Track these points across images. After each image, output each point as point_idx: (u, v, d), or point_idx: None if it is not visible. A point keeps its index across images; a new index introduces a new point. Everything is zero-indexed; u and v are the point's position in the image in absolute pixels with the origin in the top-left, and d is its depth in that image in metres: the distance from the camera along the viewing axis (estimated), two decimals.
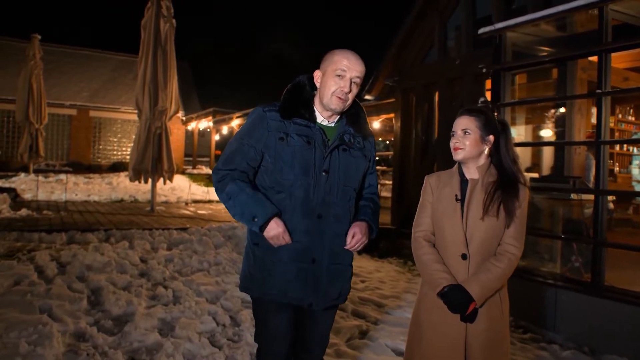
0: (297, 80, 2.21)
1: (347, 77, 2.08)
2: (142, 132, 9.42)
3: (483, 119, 2.15)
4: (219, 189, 2.09)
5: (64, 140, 21.55)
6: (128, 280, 5.01)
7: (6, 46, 21.14)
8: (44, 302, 4.14)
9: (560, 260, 5.11)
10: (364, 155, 2.23)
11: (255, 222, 1.99)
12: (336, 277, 2.15)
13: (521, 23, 5.01)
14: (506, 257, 2.07)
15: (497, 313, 2.12)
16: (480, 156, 2.17)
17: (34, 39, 14.98)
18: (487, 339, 2.09)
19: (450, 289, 2.07)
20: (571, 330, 4.40)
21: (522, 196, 2.11)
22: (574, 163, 5.58)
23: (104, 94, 22.14)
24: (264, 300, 2.13)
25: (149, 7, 9.35)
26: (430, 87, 8.42)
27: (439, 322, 2.13)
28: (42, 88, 15.24)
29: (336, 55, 2.11)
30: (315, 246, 2.08)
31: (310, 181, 2.07)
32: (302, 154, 2.07)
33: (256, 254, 2.14)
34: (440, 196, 2.19)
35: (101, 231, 7.20)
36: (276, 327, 2.14)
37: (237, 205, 2.03)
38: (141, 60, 9.49)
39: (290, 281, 2.07)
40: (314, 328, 2.22)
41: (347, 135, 2.18)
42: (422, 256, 2.19)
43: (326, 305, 2.15)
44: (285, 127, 2.10)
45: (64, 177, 15.03)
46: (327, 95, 2.10)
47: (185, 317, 4.03)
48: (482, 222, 2.08)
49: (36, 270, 5.17)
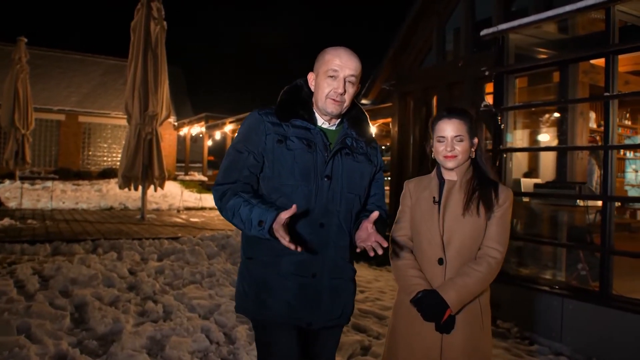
0: (294, 82, 2.06)
1: (341, 76, 1.91)
2: (132, 138, 9.16)
3: (469, 120, 2.05)
4: (222, 207, 1.90)
5: (52, 146, 21.19)
6: (115, 295, 4.75)
7: None
8: (22, 321, 3.87)
9: (566, 268, 4.95)
10: (369, 160, 2.05)
11: (263, 227, 1.76)
12: (338, 293, 1.96)
13: (525, 24, 4.85)
14: (486, 261, 1.95)
15: (476, 326, 1.98)
16: (466, 160, 2.06)
17: (21, 42, 14.69)
18: (465, 354, 1.95)
19: (424, 295, 1.94)
20: (579, 341, 4.24)
21: (502, 196, 2.01)
22: (576, 168, 5.44)
23: (94, 99, 21.83)
24: (263, 321, 1.93)
25: (139, 9, 9.11)
26: (429, 91, 8.27)
27: (414, 332, 2.01)
28: (29, 92, 14.94)
29: (327, 54, 1.95)
30: (317, 258, 1.90)
31: (312, 187, 1.90)
32: (302, 158, 1.90)
33: (250, 269, 1.96)
34: (419, 200, 2.10)
35: (88, 241, 6.92)
36: (284, 351, 1.90)
37: (243, 217, 1.83)
38: (131, 64, 9.25)
39: (288, 298, 1.89)
40: (317, 353, 2.01)
41: (350, 139, 2.01)
42: (398, 261, 2.08)
43: (327, 324, 1.95)
44: (283, 130, 1.93)
45: (50, 185, 14.71)
46: (321, 99, 1.94)
47: (177, 335, 3.79)
48: (460, 223, 1.98)
49: (16, 285, 4.90)
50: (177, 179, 19.52)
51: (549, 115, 7.05)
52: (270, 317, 1.91)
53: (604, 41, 4.29)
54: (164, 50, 9.34)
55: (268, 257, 1.91)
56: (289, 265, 1.89)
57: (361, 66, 1.96)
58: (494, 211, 1.98)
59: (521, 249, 5.43)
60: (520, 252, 5.43)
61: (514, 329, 4.65)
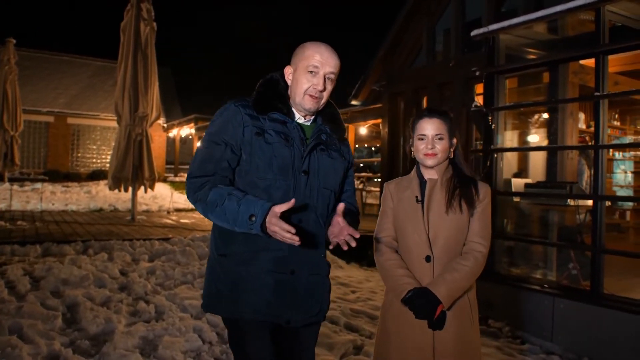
0: (270, 76, 2.02)
1: (321, 73, 1.90)
2: (122, 139, 9.10)
3: (449, 120, 2.10)
4: (199, 198, 1.82)
5: (41, 147, 21.01)
6: (107, 295, 4.72)
7: None
8: (14, 321, 3.83)
9: (558, 268, 4.98)
10: (342, 156, 2.05)
11: (254, 221, 1.70)
12: (315, 289, 1.94)
13: (516, 24, 4.89)
14: (472, 256, 2.00)
15: (466, 320, 2.02)
16: (446, 159, 2.12)
17: (9, 43, 14.57)
18: (458, 349, 1.98)
19: (415, 293, 1.96)
20: (570, 340, 4.27)
21: (482, 192, 2.06)
22: (566, 168, 5.48)
23: (83, 101, 21.67)
24: (238, 320, 1.88)
25: (129, 10, 9.06)
26: (419, 91, 8.31)
27: (405, 332, 2.02)
28: (18, 94, 14.82)
29: (307, 49, 1.92)
30: (295, 255, 1.86)
31: (290, 182, 1.87)
32: (280, 152, 1.86)
33: (225, 267, 1.88)
34: (401, 200, 2.12)
35: (79, 242, 6.86)
36: (258, 350, 1.86)
37: (227, 211, 1.76)
38: (121, 65, 9.19)
39: (266, 296, 1.84)
40: (297, 351, 1.97)
41: (324, 135, 2.00)
42: (384, 262, 2.09)
43: (306, 321, 1.92)
44: (261, 123, 1.89)
45: (40, 186, 14.57)
46: (299, 94, 1.92)
47: (169, 335, 3.77)
48: (444, 221, 2.01)
49: (7, 286, 4.85)
50: (167, 181, 19.40)
51: (539, 116, 7.10)
52: (247, 316, 1.85)
53: (594, 41, 4.34)
54: (153, 51, 9.30)
55: (244, 254, 1.86)
56: (267, 262, 1.85)
57: (340, 64, 1.95)
58: (475, 207, 2.03)
59: (512, 249, 5.46)
60: (512, 252, 5.46)
61: (506, 329, 4.68)
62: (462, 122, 7.46)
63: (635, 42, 4.22)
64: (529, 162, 7.67)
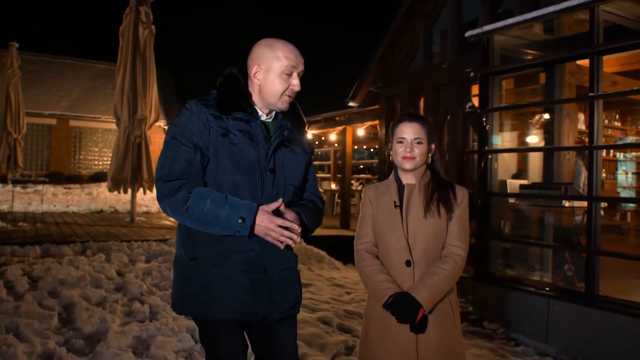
0: (229, 72, 1.98)
1: (296, 74, 1.93)
2: (121, 141, 9.14)
3: (429, 126, 2.13)
4: (175, 203, 1.78)
5: (44, 150, 21.11)
6: (103, 296, 4.75)
7: None
8: (11, 320, 3.87)
9: (552, 269, 4.98)
10: (304, 150, 2.06)
11: (243, 225, 1.73)
12: (288, 284, 1.94)
13: (510, 25, 4.90)
14: (451, 259, 2.01)
15: (448, 323, 2.03)
16: (424, 164, 2.14)
17: (12, 47, 14.62)
18: (441, 353, 1.99)
19: (396, 298, 1.97)
20: (565, 342, 4.26)
21: (460, 196, 2.08)
22: (563, 169, 5.47)
23: (84, 103, 21.77)
24: (213, 322, 1.87)
25: (128, 14, 9.10)
26: (416, 93, 8.31)
27: (388, 338, 2.03)
28: (21, 97, 14.87)
29: (279, 49, 1.91)
30: (267, 253, 1.86)
31: (257, 182, 1.87)
32: (246, 152, 1.85)
33: (197, 270, 1.86)
34: (379, 205, 2.12)
35: (77, 243, 6.90)
36: (230, 349, 1.88)
37: (209, 215, 1.75)
38: (119, 68, 9.24)
39: (242, 296, 1.83)
40: (278, 347, 1.98)
41: (286, 131, 1.98)
42: (364, 268, 2.10)
43: (282, 315, 1.93)
44: (224, 123, 1.87)
45: (42, 188, 14.64)
46: (274, 95, 1.91)
47: (162, 335, 3.79)
48: (423, 225, 2.02)
49: (6, 286, 4.88)
50: None
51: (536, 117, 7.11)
52: (223, 316, 1.85)
53: (589, 42, 4.34)
54: (152, 54, 9.33)
55: (215, 257, 1.85)
56: (239, 263, 1.84)
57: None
58: (454, 211, 2.06)
59: (508, 250, 5.46)
60: (507, 253, 5.46)
61: (501, 330, 4.68)
62: (459, 123, 7.47)
63: (630, 42, 4.22)
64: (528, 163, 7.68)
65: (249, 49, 2.01)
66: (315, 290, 5.82)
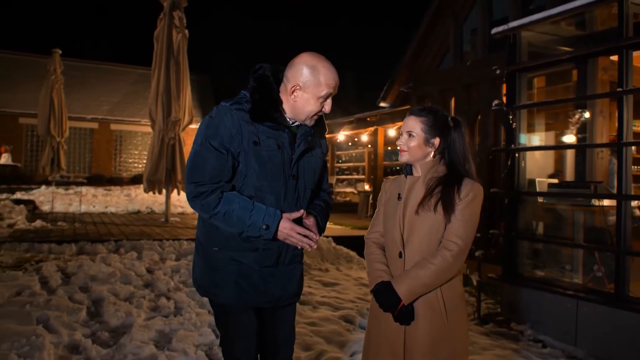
0: (261, 74, 2.04)
1: (330, 99, 2.02)
2: (156, 143, 9.39)
3: (431, 120, 2.08)
4: (206, 206, 1.93)
5: (86, 153, 21.89)
6: (131, 291, 4.90)
7: (29, 62, 21.61)
8: (42, 313, 4.06)
9: (582, 270, 4.84)
10: (322, 152, 2.19)
11: (267, 231, 1.92)
12: (294, 275, 2.15)
13: (536, 21, 4.80)
14: (441, 254, 1.96)
15: (437, 319, 2.00)
16: (425, 158, 2.10)
17: (55, 54, 15.20)
18: (427, 346, 1.98)
19: (380, 286, 2.02)
20: (593, 345, 4.14)
21: (465, 190, 2.00)
22: (596, 168, 5.31)
23: (124, 107, 22.45)
24: (230, 306, 2.07)
25: (162, 18, 9.36)
26: (446, 93, 8.23)
27: (381, 326, 2.08)
28: (63, 102, 15.45)
29: (321, 75, 1.96)
30: (280, 250, 2.06)
31: (281, 188, 2.01)
32: (274, 159, 1.98)
33: (219, 260, 2.05)
34: (389, 197, 2.16)
35: (111, 242, 7.13)
36: (246, 331, 2.09)
37: (236, 219, 1.92)
38: (154, 72, 9.50)
39: (256, 285, 2.04)
40: (278, 328, 2.21)
41: (310, 137, 2.09)
42: (367, 256, 2.19)
43: (286, 302, 2.16)
44: (255, 129, 1.97)
45: (83, 189, 15.17)
46: (304, 114, 2.01)
47: (184, 329, 3.89)
48: (418, 219, 2.01)
49: (40, 281, 5.10)
50: None
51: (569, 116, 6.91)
52: (240, 303, 2.04)
53: (618, 36, 4.21)
54: (185, 58, 9.55)
55: (235, 249, 2.02)
56: (256, 256, 2.02)
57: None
58: (454, 207, 1.99)
59: (536, 251, 5.34)
60: (535, 254, 5.34)
61: (528, 332, 4.58)
62: (489, 123, 7.35)
63: None
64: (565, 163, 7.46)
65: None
66: (341, 290, 5.83)
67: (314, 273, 6.60)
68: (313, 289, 5.69)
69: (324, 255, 7.43)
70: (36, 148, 20.40)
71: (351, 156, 19.14)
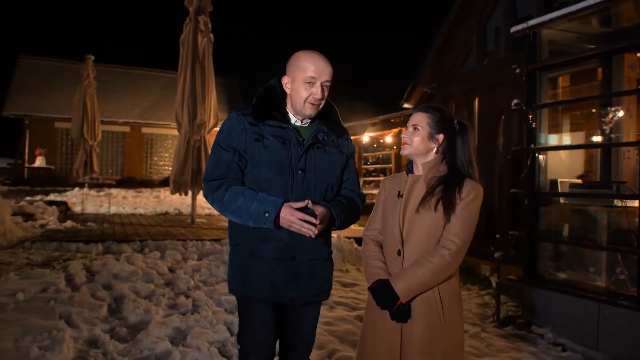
0: (269, 84, 2.22)
1: (318, 83, 2.09)
2: (182, 146, 9.58)
3: (437, 116, 2.10)
4: (216, 199, 2.09)
5: (118, 156, 22.45)
6: (151, 289, 5.02)
7: (64, 68, 22.32)
8: (65, 308, 4.21)
9: (606, 272, 4.72)
10: (340, 151, 2.24)
11: (268, 217, 1.98)
12: (315, 273, 2.15)
13: (556, 18, 4.71)
14: (439, 253, 1.97)
15: (434, 317, 1.99)
16: (427, 154, 2.11)
17: (88, 60, 15.63)
18: (422, 344, 1.98)
19: (377, 284, 2.03)
20: (616, 349, 4.03)
21: (466, 190, 2.00)
22: (623, 168, 5.17)
23: (155, 111, 22.93)
24: (247, 298, 2.15)
25: (187, 23, 9.55)
26: (470, 93, 8.14)
27: (377, 323, 2.07)
28: (96, 106, 15.87)
29: (302, 60, 2.11)
30: (295, 243, 2.09)
31: (288, 180, 2.09)
32: (278, 154, 2.09)
33: (238, 254, 2.17)
34: (389, 194, 2.17)
35: (137, 242, 7.31)
36: (260, 324, 2.13)
37: (242, 209, 2.02)
38: (180, 75, 9.70)
39: (272, 278, 2.09)
40: (298, 326, 2.24)
41: (321, 134, 2.19)
42: (364, 254, 2.20)
43: (307, 301, 2.17)
44: (260, 129, 2.11)
45: (114, 191, 15.55)
46: (299, 103, 2.12)
47: (200, 327, 3.97)
48: (418, 218, 2.02)
49: (66, 278, 5.28)
50: None
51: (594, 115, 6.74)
52: (255, 295, 2.11)
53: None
54: (211, 62, 9.72)
55: (252, 244, 2.11)
56: (272, 250, 2.09)
57: (332, 70, 2.13)
58: (454, 206, 1.99)
59: (557, 253, 5.23)
60: (556, 256, 5.23)
61: (549, 335, 4.49)
62: (514, 122, 7.23)
63: None
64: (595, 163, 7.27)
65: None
66: (359, 290, 5.83)
67: (334, 274, 6.59)
68: (332, 289, 5.70)
69: (345, 256, 7.44)
70: (70, 151, 21.02)
71: (378, 158, 19.06)
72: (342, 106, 2.50)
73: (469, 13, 8.22)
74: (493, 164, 7.65)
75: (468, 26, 8.33)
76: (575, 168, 7.38)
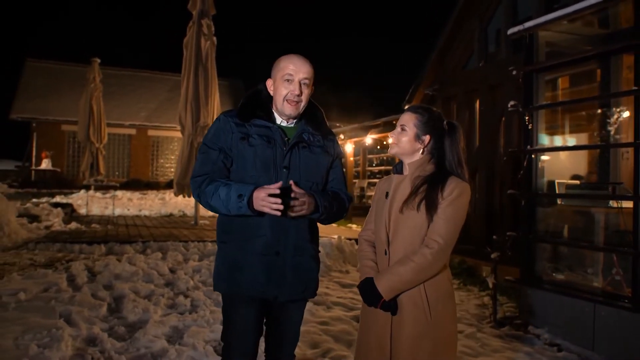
0: (255, 87, 2.32)
1: (296, 80, 2.17)
2: (185, 148, 9.67)
3: (425, 117, 2.13)
4: (201, 193, 2.15)
5: (125, 158, 22.59)
6: (151, 289, 5.08)
7: (70, 71, 22.48)
8: (65, 308, 4.28)
9: (601, 273, 4.72)
10: (326, 151, 2.29)
11: (243, 200, 2.02)
12: (301, 269, 2.19)
13: (552, 20, 4.74)
14: (421, 252, 1.99)
15: (420, 315, 2.02)
16: (414, 154, 2.14)
17: (94, 63, 15.79)
18: (411, 341, 2.01)
19: (363, 282, 2.08)
20: (611, 350, 4.04)
21: (449, 189, 2.00)
22: (621, 169, 5.18)
23: (161, 114, 23.05)
24: (231, 296, 2.19)
25: (191, 26, 9.64)
26: (471, 94, 8.15)
27: (369, 322, 2.12)
28: (102, 109, 16.03)
29: (282, 61, 2.21)
30: (279, 239, 2.14)
31: (272, 177, 2.14)
32: (263, 152, 2.16)
33: (224, 251, 2.21)
34: (380, 195, 2.21)
35: (139, 243, 7.39)
36: (243, 322, 2.18)
37: (221, 197, 2.07)
38: (184, 78, 9.78)
39: (256, 275, 2.13)
40: (282, 323, 2.27)
41: (306, 134, 2.26)
42: (358, 253, 2.25)
43: (292, 297, 2.20)
44: (246, 129, 2.19)
45: (119, 193, 15.66)
46: (279, 101, 2.20)
47: (197, 326, 4.03)
48: (402, 218, 2.05)
49: (68, 278, 5.36)
50: None
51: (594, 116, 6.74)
52: (238, 292, 2.16)
53: (635, 33, 4.12)
54: (214, 64, 9.80)
55: (238, 241, 2.16)
56: (256, 247, 2.14)
57: (313, 70, 2.21)
58: (437, 206, 2.00)
59: (553, 253, 5.24)
60: (553, 256, 5.24)
61: (545, 335, 4.50)
62: (514, 123, 7.24)
63: None
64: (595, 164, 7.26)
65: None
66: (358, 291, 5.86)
67: (334, 274, 6.65)
68: (330, 289, 5.74)
69: (346, 257, 7.48)
70: (77, 154, 21.18)
71: (382, 160, 19.09)
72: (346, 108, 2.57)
73: (471, 14, 8.24)
74: (494, 165, 7.66)
75: (470, 27, 8.34)
76: (575, 169, 7.39)
